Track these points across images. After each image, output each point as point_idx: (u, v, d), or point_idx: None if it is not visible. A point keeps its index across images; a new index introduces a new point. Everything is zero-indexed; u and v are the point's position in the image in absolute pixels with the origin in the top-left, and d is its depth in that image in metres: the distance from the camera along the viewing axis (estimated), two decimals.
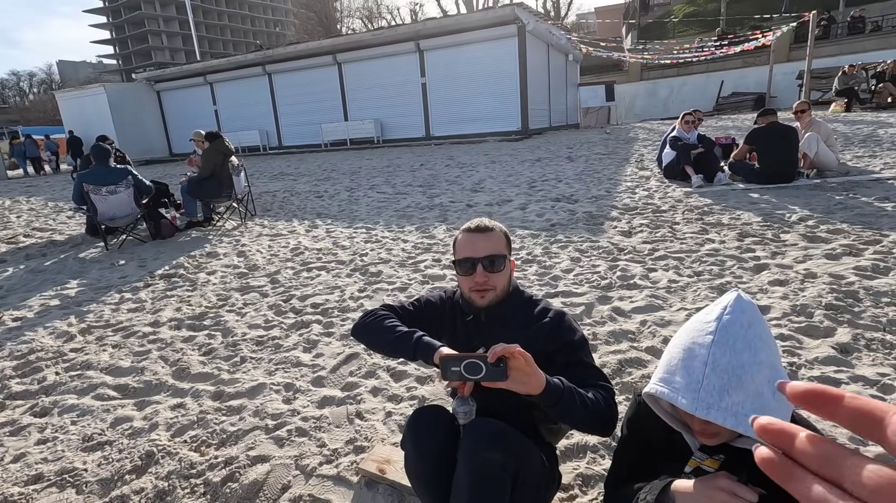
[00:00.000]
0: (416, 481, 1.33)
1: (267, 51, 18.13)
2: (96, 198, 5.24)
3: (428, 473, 1.28)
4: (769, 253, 3.67)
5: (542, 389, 1.11)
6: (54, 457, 2.09)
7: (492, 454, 1.17)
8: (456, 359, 1.09)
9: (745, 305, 0.95)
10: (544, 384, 1.11)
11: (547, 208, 5.75)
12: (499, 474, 1.17)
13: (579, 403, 1.16)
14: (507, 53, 13.95)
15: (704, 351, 0.92)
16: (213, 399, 2.43)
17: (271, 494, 1.79)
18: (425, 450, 1.27)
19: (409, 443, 1.31)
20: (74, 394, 2.57)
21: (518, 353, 1.07)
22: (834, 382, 2.12)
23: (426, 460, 1.27)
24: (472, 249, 1.37)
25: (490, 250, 1.37)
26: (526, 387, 1.10)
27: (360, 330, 1.43)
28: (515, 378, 1.08)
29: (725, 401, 0.87)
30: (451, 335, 1.47)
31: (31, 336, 3.34)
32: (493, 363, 1.07)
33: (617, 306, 3.05)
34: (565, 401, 1.15)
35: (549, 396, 1.12)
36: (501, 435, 1.21)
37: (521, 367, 1.08)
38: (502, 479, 1.18)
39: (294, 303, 3.55)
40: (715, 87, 20.36)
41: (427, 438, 1.28)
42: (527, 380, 1.09)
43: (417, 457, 1.29)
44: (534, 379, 1.09)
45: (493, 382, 1.07)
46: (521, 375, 1.08)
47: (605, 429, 1.22)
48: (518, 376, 1.08)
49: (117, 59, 75.45)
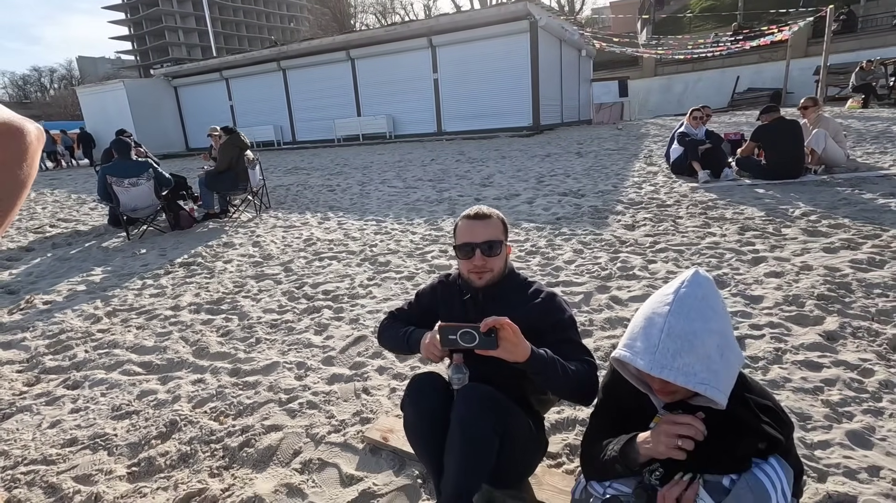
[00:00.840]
0: (415, 439, 1.48)
1: (281, 46, 18.37)
2: (119, 189, 5.47)
3: (425, 432, 1.42)
4: (768, 246, 3.74)
5: (528, 358, 1.25)
6: (87, 424, 2.28)
7: (481, 415, 1.31)
8: (452, 329, 1.23)
9: (702, 280, 1.07)
10: (529, 353, 1.25)
11: (553, 202, 5.85)
12: (487, 434, 1.31)
13: (561, 373, 1.30)
14: (519, 49, 13.98)
15: (662, 319, 1.05)
16: (230, 375, 2.61)
17: (284, 458, 1.96)
18: (422, 410, 1.42)
19: (407, 404, 1.46)
20: (103, 370, 2.77)
21: (507, 325, 1.22)
22: (815, 367, 2.22)
23: (423, 419, 1.42)
24: (471, 235, 1.50)
25: (488, 236, 1.49)
26: (513, 356, 1.24)
27: (380, 343, 1.73)
28: (504, 347, 1.22)
29: (678, 362, 1.00)
30: (449, 313, 1.60)
31: (61, 318, 3.56)
32: (485, 333, 1.20)
33: (615, 295, 3.16)
34: (548, 369, 1.28)
35: (534, 364, 1.27)
36: (491, 399, 1.35)
37: (510, 338, 1.22)
38: (490, 439, 1.32)
39: (306, 290, 3.72)
40: (730, 82, 20.17)
41: (424, 399, 1.43)
42: (514, 349, 1.23)
43: (416, 416, 1.44)
44: (520, 348, 1.23)
45: (485, 350, 1.22)
46: (509, 345, 1.22)
47: (584, 397, 1.36)
48: (506, 345, 1.22)
49: (135, 54, 76.67)
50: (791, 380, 2.14)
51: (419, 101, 15.81)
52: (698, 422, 0.98)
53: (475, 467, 1.29)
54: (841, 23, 19.29)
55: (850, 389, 2.05)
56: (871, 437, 1.78)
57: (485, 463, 1.30)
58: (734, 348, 1.04)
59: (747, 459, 0.99)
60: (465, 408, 1.33)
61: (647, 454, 1.07)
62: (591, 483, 1.23)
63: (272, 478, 1.85)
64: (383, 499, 1.69)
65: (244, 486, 1.81)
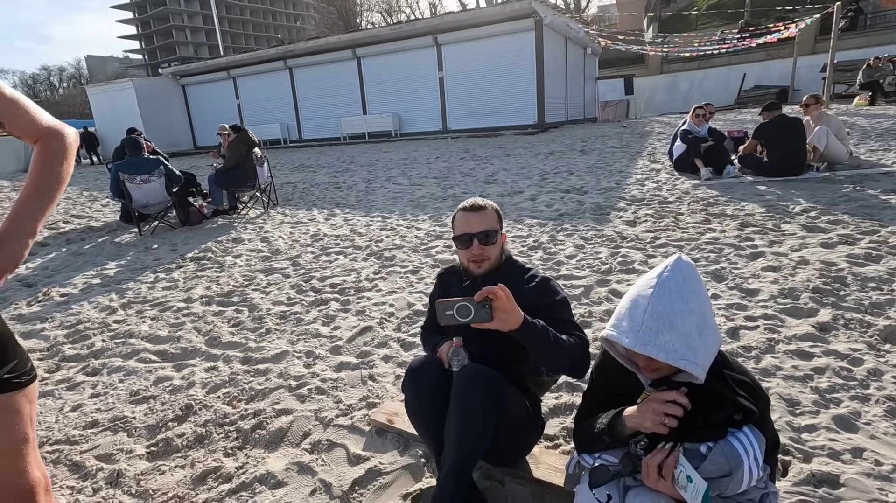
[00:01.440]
0: (414, 418, 1.57)
1: (288, 45, 18.50)
2: (131, 186, 5.61)
3: (424, 410, 1.52)
4: (767, 242, 3.81)
5: (521, 324, 1.31)
6: (106, 408, 2.39)
7: (478, 389, 1.40)
8: (449, 304, 1.29)
9: (683, 265, 1.16)
10: (522, 319, 1.31)
11: (556, 199, 5.93)
12: (484, 406, 1.40)
13: (553, 342, 1.37)
14: (524, 47, 14.02)
15: (645, 301, 1.13)
16: (241, 363, 2.71)
17: (294, 439, 2.06)
18: (421, 389, 1.51)
19: (407, 385, 1.55)
20: (120, 358, 2.89)
21: (499, 291, 1.28)
22: (806, 356, 2.29)
23: (422, 398, 1.51)
24: (467, 226, 1.59)
25: (484, 226, 1.59)
26: (507, 324, 1.29)
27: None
28: (498, 317, 1.28)
29: (659, 340, 1.09)
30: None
31: (78, 309, 3.68)
32: (479, 304, 1.27)
33: (614, 288, 3.24)
34: (541, 336, 1.35)
35: (527, 330, 1.33)
36: (487, 376, 1.44)
37: (503, 306, 1.28)
38: (487, 412, 1.41)
39: (314, 284, 3.82)
40: (737, 80, 20.08)
41: (422, 379, 1.52)
42: (507, 317, 1.29)
43: (414, 396, 1.53)
44: (513, 315, 1.29)
45: (480, 323, 1.28)
46: (502, 313, 1.28)
47: (576, 368, 1.43)
48: (500, 315, 1.28)
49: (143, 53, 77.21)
50: (782, 368, 2.22)
51: (424, 99, 15.88)
52: (682, 398, 1.07)
53: (474, 439, 1.38)
54: (849, 19, 19.15)
55: (839, 377, 2.12)
56: (857, 422, 1.86)
57: (482, 435, 1.39)
58: (712, 328, 1.13)
59: (723, 428, 1.07)
60: (463, 384, 1.42)
61: (634, 427, 1.16)
62: (583, 456, 1.32)
63: (283, 457, 1.95)
64: (389, 477, 1.78)
65: (257, 464, 1.91)
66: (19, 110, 1.04)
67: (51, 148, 1.08)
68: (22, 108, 1.05)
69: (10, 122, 1.04)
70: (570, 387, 2.24)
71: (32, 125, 1.07)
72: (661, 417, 1.09)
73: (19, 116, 1.04)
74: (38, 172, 1.06)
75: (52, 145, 1.09)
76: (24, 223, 1.01)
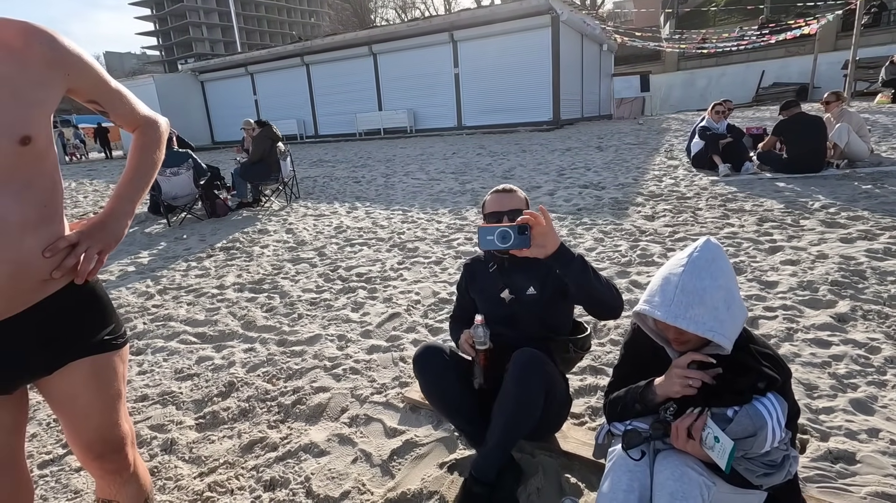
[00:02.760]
0: (430, 398, 1.72)
1: (306, 42, 18.71)
2: (161, 178, 5.80)
3: (437, 395, 1.68)
4: (786, 236, 3.85)
5: (558, 247, 1.33)
6: (154, 384, 2.55)
7: (534, 381, 1.49)
8: (490, 229, 1.29)
9: (712, 246, 1.25)
10: (559, 243, 1.34)
11: (574, 194, 6.00)
12: (537, 398, 1.50)
13: (591, 272, 1.41)
14: (539, 44, 14.04)
15: (677, 278, 1.23)
16: (278, 345, 2.85)
17: (333, 414, 2.19)
18: (429, 382, 1.68)
19: (417, 374, 1.70)
20: (162, 339, 3.05)
21: (538, 216, 1.30)
22: (825, 344, 2.36)
23: (432, 386, 1.68)
24: (499, 205, 1.72)
25: (513, 205, 1.71)
26: (544, 249, 1.31)
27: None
28: (536, 242, 1.30)
29: (690, 313, 1.18)
30: (482, 286, 1.81)
31: (117, 294, 3.86)
32: (518, 230, 1.28)
33: (635, 279, 3.32)
34: (578, 263, 1.37)
35: (565, 254, 1.35)
36: (541, 362, 1.53)
37: (542, 230, 1.29)
38: (539, 403, 1.51)
39: (341, 273, 3.96)
40: (755, 77, 19.85)
41: (429, 367, 1.67)
42: (544, 240, 1.30)
43: (425, 385, 1.70)
44: (550, 237, 1.31)
45: (519, 250, 1.30)
46: (540, 237, 1.30)
47: (614, 304, 1.49)
48: (538, 240, 1.30)
49: (160, 50, 78.28)
50: (801, 355, 2.29)
51: (440, 95, 15.99)
52: (699, 356, 1.19)
53: (524, 422, 1.50)
54: (872, 15, 18.81)
55: (856, 364, 2.19)
56: (873, 405, 1.93)
57: (529, 422, 1.51)
58: (739, 303, 1.22)
59: (748, 394, 1.17)
60: (519, 369, 1.51)
61: (664, 394, 1.26)
62: (614, 424, 1.42)
63: (324, 430, 2.08)
64: (425, 448, 1.90)
65: (300, 436, 2.05)
66: (122, 100, 1.16)
67: (147, 136, 1.21)
68: (126, 99, 1.17)
69: (114, 111, 1.16)
70: (593, 370, 2.34)
71: (132, 115, 1.19)
72: (685, 380, 1.19)
73: (123, 106, 1.17)
74: (137, 158, 1.18)
75: (150, 133, 1.22)
76: (124, 205, 1.13)
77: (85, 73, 1.07)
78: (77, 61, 1.05)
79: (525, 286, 1.70)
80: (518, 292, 1.71)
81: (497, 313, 1.72)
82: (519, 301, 1.71)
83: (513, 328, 1.71)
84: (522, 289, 1.70)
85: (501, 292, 1.73)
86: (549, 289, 1.68)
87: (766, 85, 19.47)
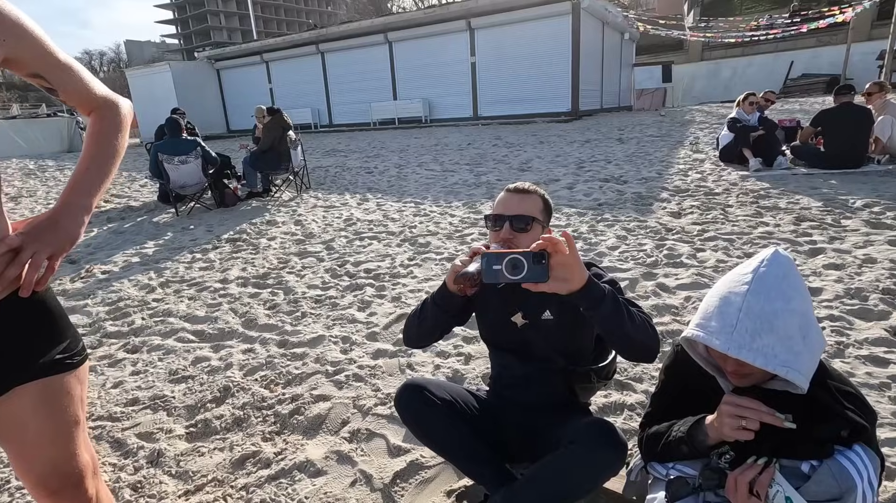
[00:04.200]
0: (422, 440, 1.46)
1: (321, 29, 18.49)
2: (169, 167, 5.67)
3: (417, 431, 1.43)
4: (827, 237, 3.56)
5: (585, 283, 1.05)
6: (147, 386, 2.40)
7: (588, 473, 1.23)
8: (498, 257, 1.02)
9: (782, 259, 1.02)
10: (587, 278, 1.06)
11: (595, 188, 5.73)
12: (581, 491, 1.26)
13: (624, 309, 1.13)
14: (559, 32, 13.62)
15: (739, 298, 1.00)
16: (278, 346, 2.69)
17: (333, 427, 2.01)
18: (424, 436, 1.43)
19: (399, 413, 1.44)
20: (159, 336, 2.91)
21: (560, 242, 1.02)
22: (882, 362, 2.11)
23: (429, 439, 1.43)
24: (504, 207, 1.39)
25: (521, 210, 1.36)
26: (568, 284, 1.04)
27: (406, 338, 1.50)
28: (557, 275, 1.03)
29: (757, 343, 0.96)
30: (486, 307, 1.49)
31: (119, 286, 3.74)
32: (534, 258, 1.00)
33: (662, 282, 3.08)
34: (608, 302, 1.09)
35: (592, 291, 1.07)
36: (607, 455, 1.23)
37: (565, 261, 1.02)
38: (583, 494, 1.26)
39: (348, 268, 3.78)
40: (783, 67, 19.14)
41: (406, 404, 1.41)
42: (569, 274, 1.03)
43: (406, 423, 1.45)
44: (576, 271, 1.04)
45: (534, 284, 1.02)
46: (563, 270, 1.03)
47: (650, 347, 1.19)
48: (560, 272, 1.03)
49: (179, 38, 78.75)
50: (854, 374, 2.04)
51: (456, 84, 15.66)
52: (762, 408, 0.95)
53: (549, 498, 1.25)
54: None
55: None
56: None
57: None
58: (817, 331, 1.00)
59: (829, 445, 0.95)
60: (582, 454, 1.20)
61: (716, 437, 1.05)
62: (653, 464, 1.21)
63: (322, 445, 1.90)
64: (431, 471, 1.71)
65: (296, 451, 1.87)
66: (73, 76, 0.98)
67: (106, 119, 1.02)
68: (76, 75, 0.98)
69: (64, 88, 0.98)
70: (619, 385, 2.12)
71: (87, 94, 1.01)
72: (736, 421, 0.97)
73: (74, 82, 0.98)
74: (94, 145, 0.99)
75: (108, 116, 1.02)
76: (80, 198, 0.93)
77: (25, 41, 0.89)
78: (14, 26, 0.86)
79: (539, 309, 1.40)
80: (533, 316, 1.41)
81: (507, 340, 1.47)
82: (534, 327, 1.41)
83: (525, 359, 1.45)
84: (537, 312, 1.40)
85: (513, 316, 1.43)
86: (567, 313, 1.38)
87: (795, 76, 18.76)
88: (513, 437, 1.46)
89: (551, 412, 1.44)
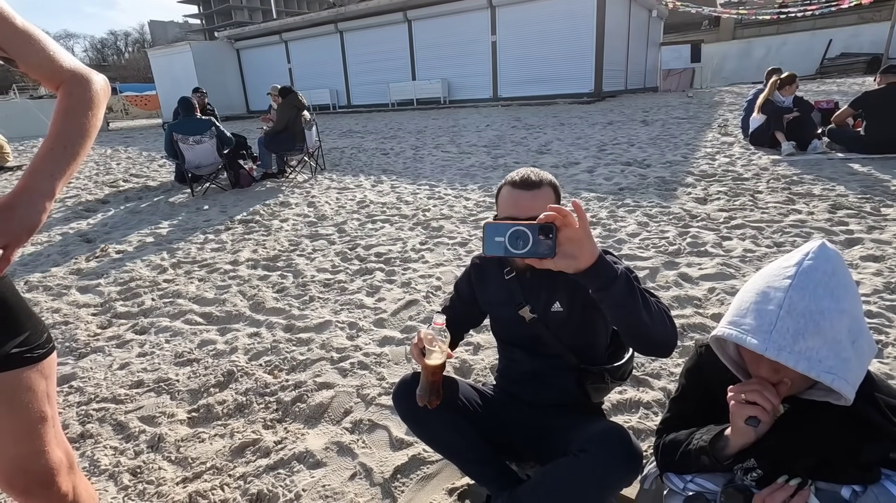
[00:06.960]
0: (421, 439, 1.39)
1: (340, 8, 18.24)
2: (184, 147, 5.65)
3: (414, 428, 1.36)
4: (865, 227, 3.34)
5: (595, 261, 0.92)
6: (152, 368, 2.38)
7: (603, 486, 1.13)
8: (501, 227, 0.90)
9: (830, 253, 0.89)
10: (597, 255, 0.92)
11: (616, 172, 5.52)
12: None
13: (640, 296, 1.00)
14: (584, 9, 13.14)
15: (781, 294, 0.87)
16: (284, 331, 2.64)
17: (335, 416, 1.95)
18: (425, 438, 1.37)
19: (408, 424, 1.38)
20: (167, 318, 2.89)
21: (572, 212, 0.90)
22: None
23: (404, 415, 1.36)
24: (515, 208, 1.20)
25: (536, 210, 1.10)
26: (576, 262, 0.91)
27: None
28: (565, 251, 0.90)
29: (799, 345, 0.84)
30: (491, 298, 1.39)
31: (131, 267, 3.74)
32: (540, 231, 0.89)
33: (684, 272, 2.93)
34: (622, 284, 0.96)
35: (604, 270, 0.93)
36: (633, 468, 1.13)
37: (573, 235, 0.90)
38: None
39: (359, 252, 3.71)
40: (821, 46, 18.19)
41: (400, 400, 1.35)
42: (578, 250, 0.91)
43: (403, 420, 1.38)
44: (586, 247, 0.91)
45: (539, 260, 0.91)
46: (571, 246, 0.90)
47: (666, 339, 1.05)
48: (568, 248, 0.90)
49: (201, 18, 78.94)
50: (894, 377, 1.89)
51: (475, 64, 15.32)
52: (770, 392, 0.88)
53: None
54: None
55: None
56: None
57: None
58: (867, 337, 0.87)
59: (875, 468, 0.83)
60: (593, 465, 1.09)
61: (737, 445, 0.94)
62: (669, 475, 1.11)
63: (323, 435, 1.85)
64: (433, 467, 1.64)
65: (296, 441, 1.82)
66: (34, 46, 0.87)
67: (73, 95, 0.91)
68: (38, 44, 0.87)
69: (24, 59, 0.87)
70: (635, 381, 2.01)
71: (51, 66, 0.90)
72: (741, 406, 0.89)
73: (35, 53, 0.87)
74: (59, 123, 0.88)
75: (76, 92, 0.92)
76: (41, 182, 0.83)
77: None
78: None
79: (549, 301, 1.28)
80: (542, 309, 1.29)
81: (515, 335, 1.36)
82: (543, 321, 1.29)
83: (534, 355, 1.34)
84: (546, 304, 1.28)
85: (520, 308, 1.31)
86: (578, 305, 1.26)
87: (833, 55, 17.81)
88: (519, 437, 1.37)
89: (561, 412, 1.35)
